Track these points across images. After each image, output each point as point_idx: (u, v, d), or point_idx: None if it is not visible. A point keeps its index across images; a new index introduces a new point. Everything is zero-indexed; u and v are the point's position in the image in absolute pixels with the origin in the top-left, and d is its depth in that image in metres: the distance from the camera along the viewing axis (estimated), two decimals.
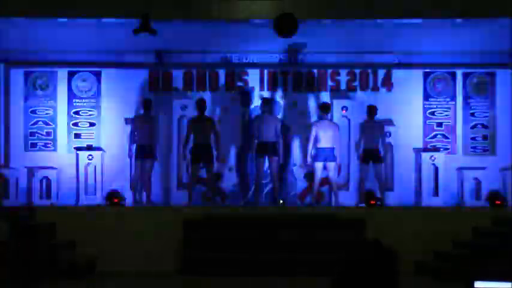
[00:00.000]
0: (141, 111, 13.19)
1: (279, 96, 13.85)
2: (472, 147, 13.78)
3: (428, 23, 13.11)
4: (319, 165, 12.82)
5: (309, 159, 12.88)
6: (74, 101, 13.79)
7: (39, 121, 13.74)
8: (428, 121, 13.81)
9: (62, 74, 13.76)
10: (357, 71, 13.80)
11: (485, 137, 13.78)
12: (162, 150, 13.39)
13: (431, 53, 13.57)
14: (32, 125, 13.72)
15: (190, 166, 12.93)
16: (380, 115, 13.22)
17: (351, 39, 13.38)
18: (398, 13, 12.79)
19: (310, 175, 13.34)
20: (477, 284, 5.32)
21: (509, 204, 12.69)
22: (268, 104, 13.18)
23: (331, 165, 12.78)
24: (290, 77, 13.83)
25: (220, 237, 11.26)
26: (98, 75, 13.81)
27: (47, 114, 13.75)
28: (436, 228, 11.47)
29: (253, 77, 13.83)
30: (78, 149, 13.15)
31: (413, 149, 13.41)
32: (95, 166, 12.95)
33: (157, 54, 13.65)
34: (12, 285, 9.41)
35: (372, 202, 12.56)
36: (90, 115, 13.78)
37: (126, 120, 13.42)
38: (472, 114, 13.82)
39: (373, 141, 13.00)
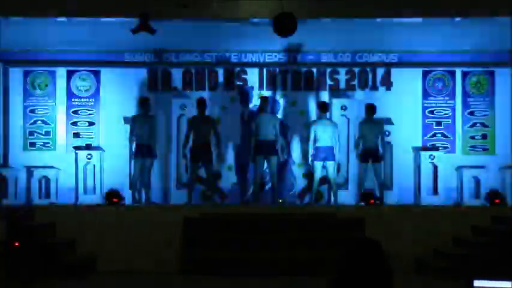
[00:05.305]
0: (139, 111, 13.16)
1: (278, 95, 13.84)
2: (471, 146, 13.78)
3: (427, 22, 13.11)
4: (318, 164, 12.82)
5: (310, 158, 12.88)
6: (72, 100, 13.78)
7: (38, 120, 13.72)
8: (427, 120, 13.81)
9: (61, 73, 13.75)
10: (356, 69, 13.80)
11: (484, 136, 13.79)
12: (162, 149, 13.38)
13: (431, 51, 13.57)
14: (30, 124, 13.70)
15: (189, 165, 12.93)
16: (379, 114, 13.21)
17: (350, 38, 13.38)
18: (398, 12, 12.79)
19: (309, 174, 13.34)
20: (477, 282, 5.31)
21: (508, 203, 12.69)
22: (267, 103, 13.16)
23: (331, 164, 12.77)
24: (289, 76, 13.83)
25: (220, 236, 11.25)
26: (97, 74, 13.80)
27: (46, 113, 13.74)
28: (436, 227, 11.48)
29: (252, 76, 13.82)
30: (77, 148, 13.14)
31: (413, 148, 13.40)
32: (94, 165, 12.94)
33: (156, 54, 13.65)
34: (11, 285, 9.40)
35: (372, 201, 12.54)
36: (89, 114, 13.77)
37: (125, 120, 13.41)
38: (471, 113, 13.82)
39: (372, 140, 12.99)
